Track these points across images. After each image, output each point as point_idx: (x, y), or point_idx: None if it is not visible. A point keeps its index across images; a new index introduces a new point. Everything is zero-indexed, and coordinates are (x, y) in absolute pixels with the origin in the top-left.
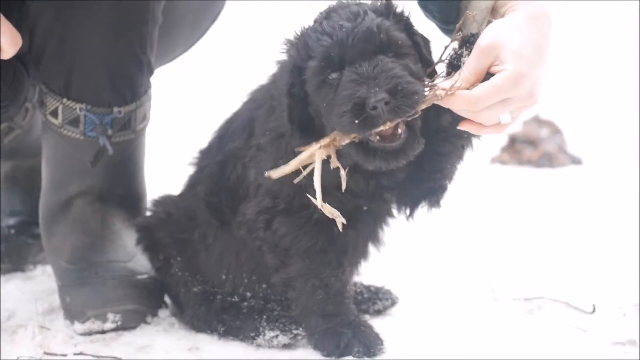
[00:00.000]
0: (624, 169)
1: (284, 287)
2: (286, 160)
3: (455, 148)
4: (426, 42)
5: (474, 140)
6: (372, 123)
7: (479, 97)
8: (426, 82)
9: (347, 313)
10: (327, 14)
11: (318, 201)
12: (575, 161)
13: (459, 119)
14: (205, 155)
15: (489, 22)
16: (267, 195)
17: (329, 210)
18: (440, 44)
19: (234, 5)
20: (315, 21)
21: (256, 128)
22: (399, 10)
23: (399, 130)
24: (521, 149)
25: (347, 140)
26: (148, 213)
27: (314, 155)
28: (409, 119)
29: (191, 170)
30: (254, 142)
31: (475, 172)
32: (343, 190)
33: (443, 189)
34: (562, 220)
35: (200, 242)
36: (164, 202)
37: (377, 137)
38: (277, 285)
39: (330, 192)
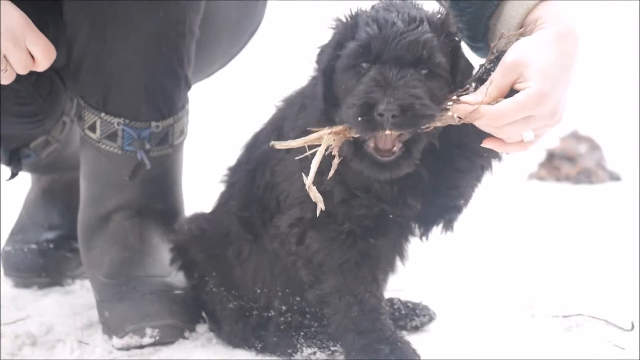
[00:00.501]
0: None
1: (319, 303)
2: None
3: (474, 167)
4: (469, 68)
5: (494, 163)
6: (373, 127)
7: (501, 112)
8: (450, 96)
9: (384, 329)
10: (387, 5)
11: (308, 180)
12: (614, 177)
13: (481, 135)
14: (235, 172)
15: (517, 39)
16: (296, 204)
17: (314, 194)
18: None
19: (271, 21)
20: (373, 7)
21: (285, 126)
22: (453, 29)
23: (395, 148)
24: (559, 165)
25: (356, 135)
26: (179, 229)
27: (322, 138)
28: (410, 134)
29: (222, 187)
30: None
31: (513, 187)
32: (329, 178)
33: (458, 209)
34: (601, 237)
35: (235, 258)
36: (197, 219)
37: (372, 145)
38: (312, 302)
39: (356, 194)
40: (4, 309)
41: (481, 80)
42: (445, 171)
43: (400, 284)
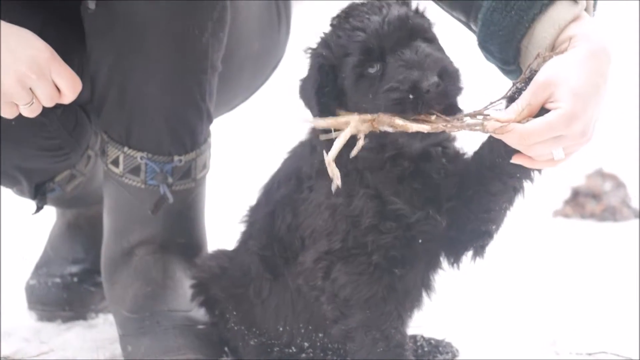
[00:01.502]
0: None
1: (344, 339)
2: (341, 185)
3: (507, 188)
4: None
5: (527, 185)
6: (423, 105)
7: (531, 132)
8: (478, 111)
9: None
10: (347, 14)
11: (329, 156)
12: (639, 215)
13: (512, 154)
14: (254, 212)
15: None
16: (322, 237)
17: (332, 169)
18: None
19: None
20: (333, 25)
21: (303, 174)
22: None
23: None
24: (584, 202)
25: (386, 127)
26: (201, 266)
27: (349, 123)
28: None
29: (242, 227)
30: (305, 186)
31: (538, 224)
32: (351, 156)
33: (489, 235)
34: (625, 275)
35: (256, 297)
36: (218, 257)
37: None
38: (336, 337)
39: (389, 199)
40: (27, 343)
41: (512, 99)
42: (477, 195)
43: (423, 320)
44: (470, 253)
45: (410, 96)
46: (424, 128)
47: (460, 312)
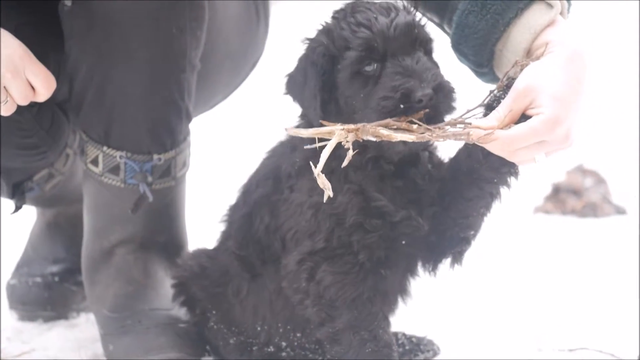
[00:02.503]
0: None
1: (330, 342)
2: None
3: (484, 194)
4: None
5: (503, 191)
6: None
7: (515, 137)
8: (458, 120)
9: None
10: (353, 9)
11: (317, 169)
12: (620, 211)
13: (491, 161)
14: (233, 212)
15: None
16: (305, 237)
17: (322, 181)
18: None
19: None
20: (336, 17)
21: (282, 172)
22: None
23: None
24: (565, 198)
25: (369, 137)
26: (182, 265)
27: (333, 133)
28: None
29: (222, 226)
30: (285, 185)
31: (519, 221)
32: (342, 166)
33: (467, 241)
34: (606, 271)
35: (234, 296)
36: (198, 256)
37: None
38: (323, 340)
39: (373, 195)
40: (8, 343)
41: (490, 106)
42: (454, 201)
43: (404, 317)
44: (448, 260)
45: (402, 105)
46: (408, 137)
47: (442, 309)
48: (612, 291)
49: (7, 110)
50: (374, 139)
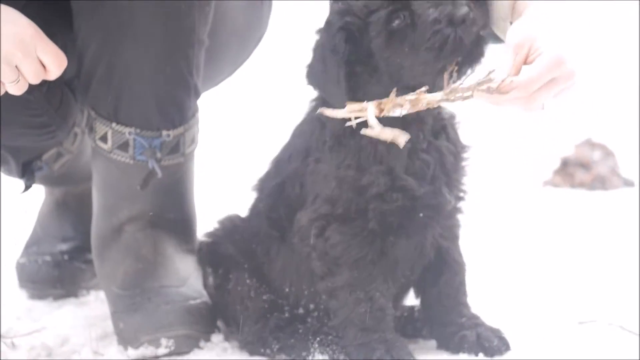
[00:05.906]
0: None
1: (328, 296)
2: (353, 159)
3: None
4: None
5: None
6: (460, 43)
7: (530, 80)
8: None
9: (387, 330)
10: None
11: (376, 129)
12: (628, 184)
13: None
14: (265, 180)
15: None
16: (325, 202)
17: (390, 132)
18: None
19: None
20: None
21: (312, 149)
22: None
23: None
24: (574, 171)
25: (396, 111)
26: (214, 228)
27: (365, 109)
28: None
29: (253, 194)
30: (311, 158)
31: (528, 194)
32: (402, 146)
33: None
34: (616, 243)
35: (264, 255)
36: (231, 217)
37: None
38: (321, 294)
39: (400, 176)
40: (19, 321)
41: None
42: None
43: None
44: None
45: (450, 35)
46: (435, 97)
47: None
48: (620, 263)
49: (18, 89)
50: (400, 111)
